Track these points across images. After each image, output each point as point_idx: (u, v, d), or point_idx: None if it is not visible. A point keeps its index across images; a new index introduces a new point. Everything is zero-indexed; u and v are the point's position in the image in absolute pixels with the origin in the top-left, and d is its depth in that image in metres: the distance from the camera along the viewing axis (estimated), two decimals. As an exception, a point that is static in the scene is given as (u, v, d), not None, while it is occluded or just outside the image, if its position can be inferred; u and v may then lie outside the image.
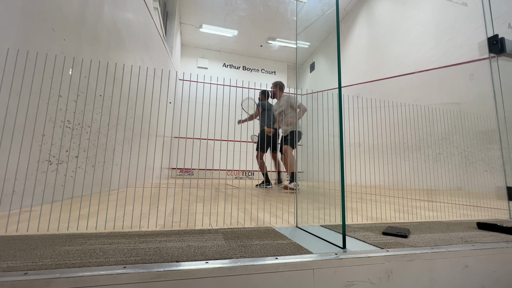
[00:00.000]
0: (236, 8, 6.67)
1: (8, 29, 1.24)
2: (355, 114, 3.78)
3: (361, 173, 4.20)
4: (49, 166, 1.52)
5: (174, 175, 7.40)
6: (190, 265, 0.54)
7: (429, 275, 0.66)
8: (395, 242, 0.76)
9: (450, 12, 4.25)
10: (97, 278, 0.48)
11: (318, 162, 1.47)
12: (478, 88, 3.67)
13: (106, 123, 2.24)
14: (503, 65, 1.38)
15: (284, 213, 1.35)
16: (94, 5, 2.06)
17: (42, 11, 1.46)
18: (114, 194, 2.10)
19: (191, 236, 0.78)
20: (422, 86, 4.65)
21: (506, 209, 1.38)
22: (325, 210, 1.17)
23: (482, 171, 3.44)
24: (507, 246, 0.76)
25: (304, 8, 1.37)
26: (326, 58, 7.88)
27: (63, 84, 1.59)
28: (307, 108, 2.94)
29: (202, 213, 1.26)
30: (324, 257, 0.61)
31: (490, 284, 0.71)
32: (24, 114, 1.25)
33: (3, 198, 1.16)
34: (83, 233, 0.79)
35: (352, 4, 6.72)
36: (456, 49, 4.09)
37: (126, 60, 2.78)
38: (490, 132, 3.03)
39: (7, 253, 0.59)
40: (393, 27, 5.46)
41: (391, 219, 1.23)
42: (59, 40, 1.60)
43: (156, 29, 4.19)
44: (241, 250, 0.65)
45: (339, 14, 0.82)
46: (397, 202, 2.01)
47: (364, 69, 6.20)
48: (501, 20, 1.63)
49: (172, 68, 5.82)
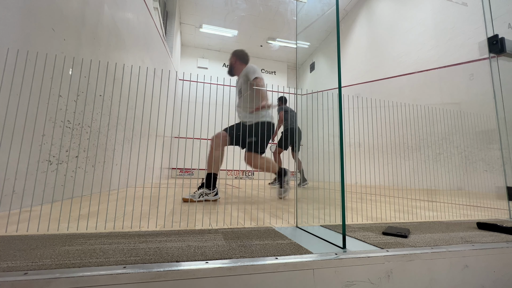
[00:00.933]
0: (236, 8, 6.67)
1: (8, 29, 1.24)
2: (355, 114, 3.78)
3: (361, 173, 4.20)
4: (49, 166, 1.52)
5: (174, 175, 7.40)
6: (190, 265, 0.54)
7: (429, 275, 0.66)
8: (395, 242, 0.76)
9: (450, 12, 4.25)
10: (97, 278, 0.48)
11: (318, 162, 1.47)
12: (478, 88, 3.67)
13: (106, 123, 2.24)
14: (503, 65, 1.38)
15: (284, 213, 1.35)
16: (94, 5, 2.06)
17: (42, 11, 1.46)
18: (114, 194, 2.10)
19: (191, 236, 0.78)
20: (422, 86, 4.64)
21: (506, 209, 1.38)
22: (325, 210, 1.17)
23: (482, 171, 3.44)
24: (507, 246, 0.76)
25: (304, 8, 1.37)
26: (326, 58, 7.87)
27: (63, 84, 1.59)
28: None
29: (202, 213, 1.25)
30: (324, 257, 0.61)
31: (490, 284, 0.71)
32: (24, 114, 1.25)
33: (3, 198, 1.16)
34: (83, 233, 0.79)
35: (352, 4, 6.72)
36: (456, 49, 4.08)
37: (126, 60, 2.78)
38: (490, 132, 3.03)
39: (7, 253, 0.59)
40: (393, 27, 5.46)
41: (391, 219, 1.23)
42: (59, 40, 1.60)
43: (156, 29, 4.19)
44: (241, 250, 0.65)
45: (339, 14, 0.82)
46: (397, 202, 2.01)
47: (364, 69, 6.20)
48: (501, 20, 1.63)
49: (172, 68, 5.82)
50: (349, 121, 1.63)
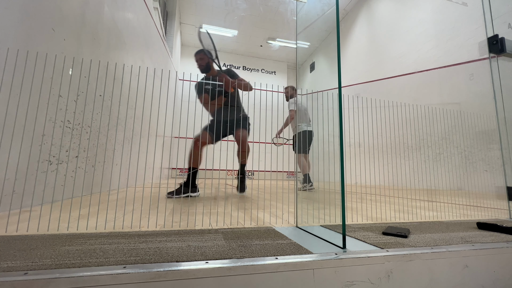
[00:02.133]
0: (236, 8, 6.67)
1: (8, 29, 1.24)
2: (355, 114, 3.77)
3: (361, 173, 4.20)
4: (49, 166, 1.52)
5: (174, 175, 7.40)
6: (190, 265, 0.54)
7: (429, 275, 0.66)
8: (395, 242, 0.76)
9: (450, 12, 4.25)
10: (97, 278, 0.48)
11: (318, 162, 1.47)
12: (478, 88, 3.67)
13: (106, 123, 2.24)
14: (503, 65, 1.38)
15: (284, 213, 1.35)
16: (94, 5, 2.06)
17: (42, 11, 1.46)
18: (114, 194, 2.10)
19: (191, 236, 0.78)
20: (422, 86, 4.64)
21: (506, 209, 1.38)
22: (325, 210, 1.17)
23: (482, 171, 3.44)
24: (507, 246, 0.76)
25: (304, 8, 1.37)
26: (326, 58, 7.87)
27: (63, 84, 1.59)
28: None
29: (202, 213, 1.25)
30: (324, 257, 0.61)
31: (490, 284, 0.71)
32: (24, 114, 1.25)
33: (3, 198, 1.16)
34: (83, 233, 0.79)
35: (352, 4, 6.72)
36: (456, 49, 4.08)
37: (126, 60, 2.78)
38: (490, 132, 3.03)
39: (7, 253, 0.59)
40: (393, 27, 5.45)
41: (391, 219, 1.23)
42: (59, 40, 1.60)
43: (156, 29, 4.19)
44: (241, 250, 0.65)
45: (339, 14, 0.82)
46: (397, 202, 2.01)
47: (364, 69, 6.20)
48: (501, 20, 1.63)
49: (172, 68, 5.82)
50: (349, 121, 1.63)
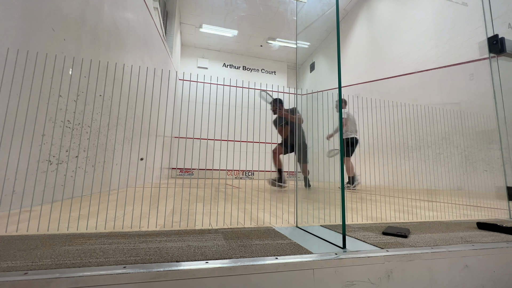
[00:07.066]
0: (236, 8, 6.67)
1: (8, 29, 1.24)
2: (355, 114, 3.78)
3: (361, 173, 4.20)
4: (49, 166, 1.52)
5: (174, 175, 7.40)
6: (190, 265, 0.54)
7: (429, 275, 0.66)
8: (395, 242, 0.76)
9: (450, 12, 4.25)
10: (97, 278, 0.48)
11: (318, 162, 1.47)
12: (478, 88, 3.67)
13: (106, 123, 2.24)
14: (503, 65, 1.38)
15: (284, 213, 1.35)
16: (94, 5, 2.06)
17: (42, 11, 1.46)
18: (114, 194, 2.10)
19: (191, 236, 0.78)
20: (422, 86, 4.64)
21: (506, 209, 1.38)
22: (325, 210, 1.17)
23: (482, 171, 3.44)
24: (507, 246, 0.76)
25: (304, 8, 1.37)
26: (326, 58, 7.88)
27: (63, 84, 1.59)
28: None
29: (202, 213, 1.25)
30: (324, 257, 0.61)
31: (490, 284, 0.71)
32: (24, 114, 1.25)
33: (3, 198, 1.16)
34: (83, 233, 0.79)
35: (352, 4, 6.71)
36: (456, 49, 4.08)
37: (126, 60, 2.78)
38: (490, 132, 3.03)
39: (7, 253, 0.59)
40: (393, 27, 5.45)
41: (391, 219, 1.23)
42: (59, 40, 1.60)
43: (156, 29, 4.19)
44: (241, 250, 0.65)
45: (339, 14, 0.82)
46: (397, 202, 2.01)
47: (364, 69, 6.20)
48: (501, 20, 1.63)
49: (172, 68, 5.82)
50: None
